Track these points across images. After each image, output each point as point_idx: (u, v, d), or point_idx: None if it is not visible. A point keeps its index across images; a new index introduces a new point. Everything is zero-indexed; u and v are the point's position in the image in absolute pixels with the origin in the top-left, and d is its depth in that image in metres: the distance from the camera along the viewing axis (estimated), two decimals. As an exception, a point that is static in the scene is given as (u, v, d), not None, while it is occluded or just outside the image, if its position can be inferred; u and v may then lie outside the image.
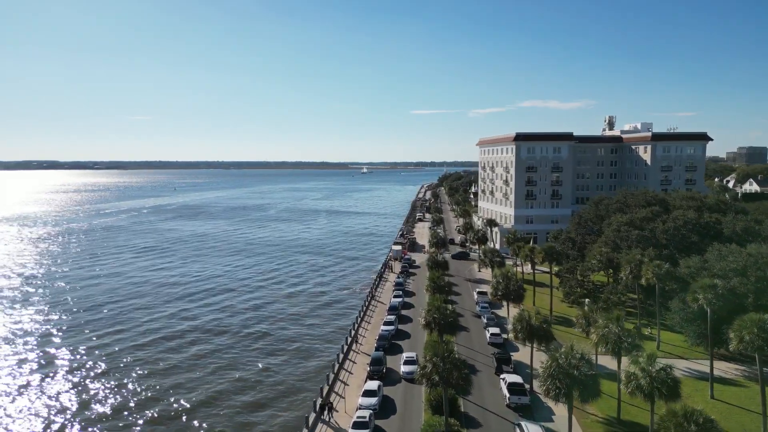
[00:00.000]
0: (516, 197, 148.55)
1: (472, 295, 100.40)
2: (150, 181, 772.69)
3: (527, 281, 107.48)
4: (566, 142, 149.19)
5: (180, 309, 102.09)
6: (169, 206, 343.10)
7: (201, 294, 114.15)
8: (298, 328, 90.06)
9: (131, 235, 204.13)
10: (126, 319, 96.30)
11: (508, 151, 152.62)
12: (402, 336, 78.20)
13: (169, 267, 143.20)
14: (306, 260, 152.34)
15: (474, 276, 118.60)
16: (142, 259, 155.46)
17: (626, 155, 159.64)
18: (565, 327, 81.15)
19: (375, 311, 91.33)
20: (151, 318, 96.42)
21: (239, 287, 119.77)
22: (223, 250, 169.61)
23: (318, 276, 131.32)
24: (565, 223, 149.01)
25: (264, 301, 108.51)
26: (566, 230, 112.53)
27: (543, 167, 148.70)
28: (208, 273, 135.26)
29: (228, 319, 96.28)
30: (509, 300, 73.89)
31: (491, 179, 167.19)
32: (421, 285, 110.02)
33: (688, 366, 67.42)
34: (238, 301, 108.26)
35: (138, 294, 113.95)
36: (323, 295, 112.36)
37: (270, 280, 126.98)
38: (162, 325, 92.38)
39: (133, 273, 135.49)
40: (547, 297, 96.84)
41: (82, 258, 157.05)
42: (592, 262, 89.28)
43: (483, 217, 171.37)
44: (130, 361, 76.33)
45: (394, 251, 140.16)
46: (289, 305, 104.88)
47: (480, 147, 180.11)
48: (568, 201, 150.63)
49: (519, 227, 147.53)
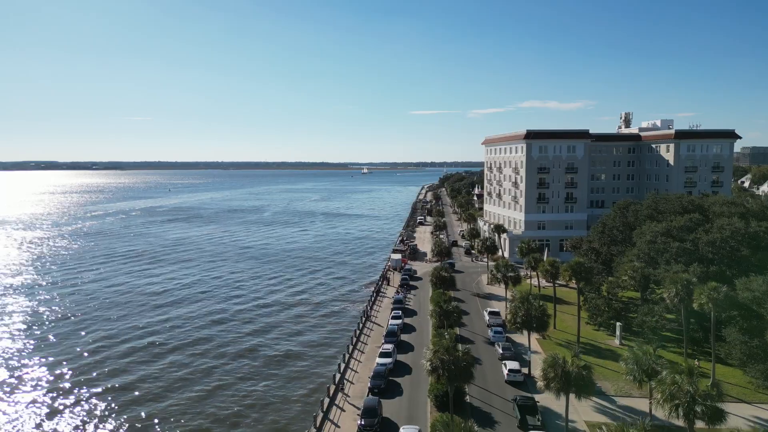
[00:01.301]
0: (526, 201, 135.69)
1: (482, 314, 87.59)
2: (146, 182, 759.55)
3: (543, 296, 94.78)
4: (581, 140, 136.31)
5: (150, 325, 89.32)
6: (161, 208, 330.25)
7: (174, 308, 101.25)
8: (273, 370, 72.47)
9: (114, 241, 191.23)
10: (93, 332, 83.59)
11: (518, 150, 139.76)
12: (401, 370, 65.37)
13: (149, 277, 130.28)
14: (296, 269, 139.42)
15: (482, 290, 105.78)
16: (122, 268, 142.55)
17: (645, 155, 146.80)
18: (595, 358, 68.30)
19: (370, 336, 78.45)
20: (115, 330, 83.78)
21: (211, 302, 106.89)
22: (207, 258, 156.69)
23: (307, 289, 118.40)
24: (581, 229, 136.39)
25: (235, 325, 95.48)
26: (587, 238, 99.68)
27: (556, 168, 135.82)
28: (186, 283, 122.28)
29: (188, 342, 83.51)
30: (531, 329, 61.12)
31: (498, 181, 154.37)
32: (423, 300, 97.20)
33: (754, 413, 54.66)
34: (204, 321, 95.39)
35: (113, 305, 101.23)
36: (311, 315, 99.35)
37: (251, 294, 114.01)
38: (121, 339, 79.65)
39: (112, 284, 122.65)
40: (569, 317, 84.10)
41: (54, 268, 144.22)
42: (623, 278, 76.47)
43: (489, 221, 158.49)
44: (95, 377, 63.60)
45: (392, 260, 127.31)
46: (268, 329, 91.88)
47: (486, 146, 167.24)
48: (583, 205, 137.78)
49: (530, 233, 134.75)
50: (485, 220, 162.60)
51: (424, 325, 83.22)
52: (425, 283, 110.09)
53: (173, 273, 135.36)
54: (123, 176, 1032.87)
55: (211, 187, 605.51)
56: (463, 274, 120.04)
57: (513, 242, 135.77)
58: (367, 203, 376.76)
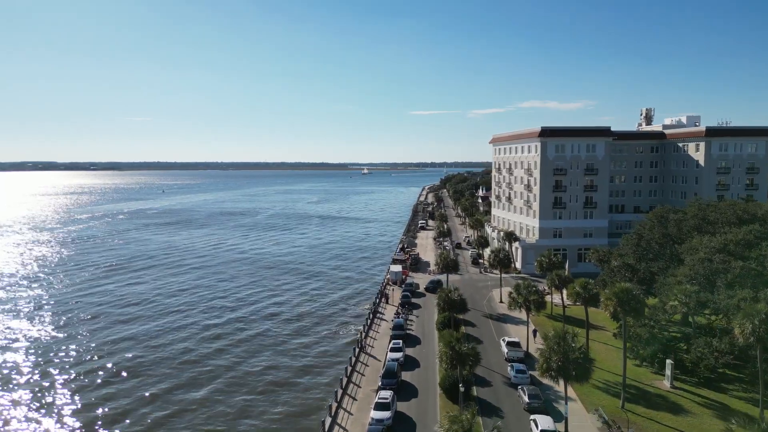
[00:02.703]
0: (541, 205, 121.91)
1: (498, 343, 73.83)
2: (141, 183, 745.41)
3: (568, 319, 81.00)
4: (602, 138, 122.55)
5: (106, 345, 75.41)
6: (150, 211, 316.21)
7: (133, 340, 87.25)
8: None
9: (89, 249, 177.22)
10: (61, 356, 69.73)
11: (532, 149, 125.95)
12: (404, 424, 51.54)
13: (115, 290, 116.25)
14: (285, 282, 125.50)
15: (495, 309, 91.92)
16: (89, 280, 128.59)
17: (670, 155, 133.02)
18: (645, 408, 54.46)
19: (364, 375, 64.55)
20: (71, 355, 69.92)
21: (171, 320, 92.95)
22: (186, 268, 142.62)
23: (294, 306, 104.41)
24: (601, 237, 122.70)
25: (201, 358, 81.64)
26: (617, 251, 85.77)
27: (574, 169, 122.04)
28: (153, 298, 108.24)
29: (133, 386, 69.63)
30: (569, 378, 47.24)
31: (508, 183, 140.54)
32: (427, 323, 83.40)
33: None
34: (161, 344, 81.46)
35: (72, 324, 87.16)
36: (293, 340, 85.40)
37: (225, 316, 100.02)
38: (71, 365, 65.80)
39: (72, 299, 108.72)
40: (601, 347, 70.03)
41: (13, 280, 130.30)
42: (671, 303, 62.64)
43: (498, 227, 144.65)
44: None
45: (392, 273, 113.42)
46: (238, 360, 78.00)
47: (494, 145, 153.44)
48: (603, 210, 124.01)
49: (545, 242, 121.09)
50: (493, 226, 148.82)
51: (430, 357, 69.43)
52: (429, 299, 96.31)
53: (143, 286, 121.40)
54: (120, 177, 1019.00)
55: (205, 189, 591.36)
56: (471, 288, 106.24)
57: (526, 252, 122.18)
58: (365, 205, 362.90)
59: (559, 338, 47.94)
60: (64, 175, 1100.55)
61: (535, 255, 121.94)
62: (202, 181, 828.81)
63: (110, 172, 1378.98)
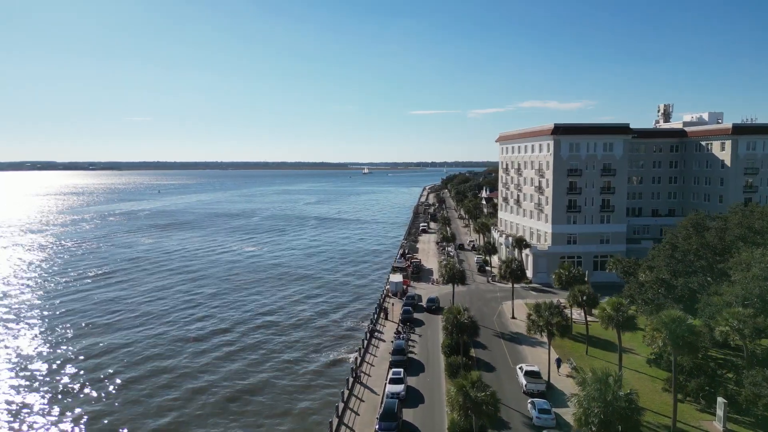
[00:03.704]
0: (554, 209, 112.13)
1: (512, 370, 64.15)
2: (138, 183, 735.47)
3: (592, 341, 71.35)
4: (620, 136, 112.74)
5: (73, 359, 65.93)
6: (142, 212, 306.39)
7: (108, 353, 77.55)
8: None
9: (72, 252, 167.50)
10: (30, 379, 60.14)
11: (543, 148, 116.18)
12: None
13: (96, 298, 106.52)
14: (273, 292, 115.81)
15: (507, 327, 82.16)
16: (67, 287, 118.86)
17: (692, 154, 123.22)
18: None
19: (359, 415, 54.77)
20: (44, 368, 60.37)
21: (146, 335, 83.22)
22: (167, 275, 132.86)
23: (283, 322, 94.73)
24: (619, 243, 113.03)
25: (157, 380, 71.99)
26: (647, 262, 76.01)
27: (590, 169, 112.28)
28: (128, 309, 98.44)
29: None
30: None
31: (517, 184, 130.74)
32: (431, 341, 73.70)
33: None
34: (129, 363, 71.79)
35: (46, 336, 77.56)
36: (278, 367, 75.78)
37: (199, 330, 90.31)
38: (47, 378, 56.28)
39: (47, 309, 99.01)
40: (633, 376, 60.05)
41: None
42: (720, 329, 52.90)
43: (505, 232, 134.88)
44: None
45: (392, 284, 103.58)
46: (210, 390, 68.34)
47: (501, 144, 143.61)
48: (621, 214, 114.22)
49: (558, 249, 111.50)
50: (500, 231, 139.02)
51: (436, 389, 59.76)
52: (433, 317, 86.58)
53: (119, 293, 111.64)
54: (118, 177, 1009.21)
55: (202, 189, 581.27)
56: (479, 301, 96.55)
57: (538, 260, 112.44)
58: (364, 206, 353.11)
59: (600, 383, 38.20)
60: (62, 175, 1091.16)
61: (548, 263, 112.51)
62: (200, 181, 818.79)
63: (109, 172, 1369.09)
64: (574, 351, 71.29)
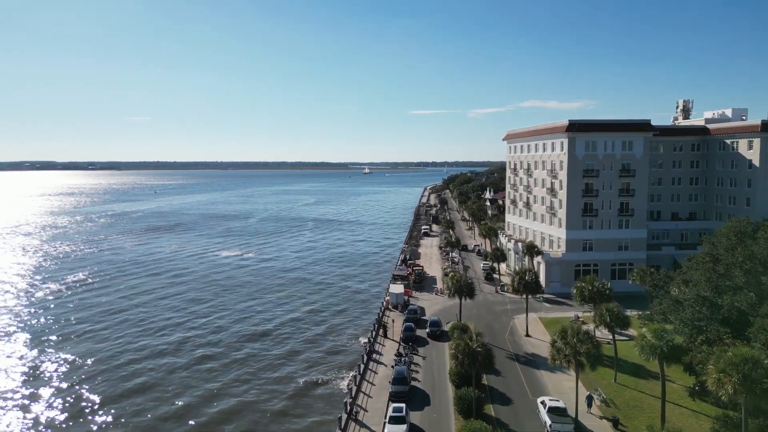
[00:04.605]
0: (568, 213, 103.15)
1: (532, 402, 55.20)
2: (136, 183, 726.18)
3: (609, 361, 62.43)
4: (641, 133, 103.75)
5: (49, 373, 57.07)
6: (135, 213, 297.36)
7: (89, 367, 68.64)
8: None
9: (52, 256, 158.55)
10: None
11: (557, 146, 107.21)
12: None
13: (74, 305, 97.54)
14: (263, 301, 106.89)
15: (522, 348, 73.15)
16: (39, 295, 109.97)
17: (715, 153, 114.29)
18: None
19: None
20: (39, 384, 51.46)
21: (114, 352, 74.27)
22: (152, 283, 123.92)
23: (271, 339, 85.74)
24: (639, 249, 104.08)
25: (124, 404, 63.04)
26: (683, 276, 67.06)
27: (607, 170, 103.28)
28: (102, 318, 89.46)
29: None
30: None
31: (527, 186, 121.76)
32: (437, 364, 64.76)
33: None
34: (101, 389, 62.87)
35: (28, 349, 68.82)
36: (263, 397, 66.82)
37: (173, 352, 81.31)
38: None
39: (28, 322, 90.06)
40: (675, 411, 50.81)
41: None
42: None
43: (514, 237, 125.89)
44: None
45: (392, 295, 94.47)
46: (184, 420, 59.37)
47: (508, 142, 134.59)
48: (641, 218, 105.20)
49: (572, 256, 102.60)
50: (508, 235, 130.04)
51: (444, 427, 50.84)
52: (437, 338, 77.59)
53: (99, 299, 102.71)
54: (116, 177, 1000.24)
55: (199, 189, 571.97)
56: (488, 314, 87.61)
57: (551, 268, 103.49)
58: (363, 207, 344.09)
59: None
60: (61, 174, 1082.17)
61: (561, 271, 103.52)
62: (199, 181, 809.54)
63: (108, 171, 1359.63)
64: (600, 378, 62.31)
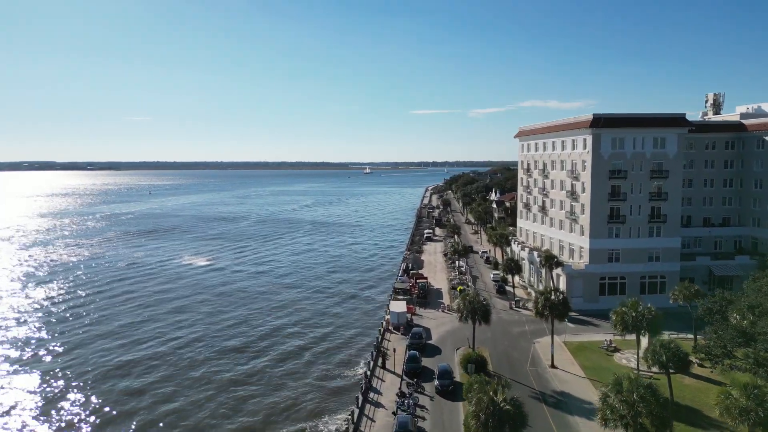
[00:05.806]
0: (592, 219, 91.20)
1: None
2: (132, 184, 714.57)
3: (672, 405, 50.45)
4: (674, 129, 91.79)
5: None
6: (126, 215, 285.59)
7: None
8: None
9: (30, 261, 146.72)
10: None
11: (578, 144, 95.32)
12: None
13: (42, 318, 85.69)
14: (249, 317, 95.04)
15: (547, 384, 61.12)
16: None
17: (752, 152, 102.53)
18: None
19: None
20: None
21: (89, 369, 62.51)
22: (137, 296, 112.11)
23: (258, 363, 73.85)
24: (672, 260, 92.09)
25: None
26: (746, 300, 55.23)
27: (636, 171, 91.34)
28: (69, 338, 77.63)
29: None
30: None
31: (542, 188, 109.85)
32: (446, 409, 52.72)
33: None
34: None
35: None
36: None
37: (131, 387, 69.46)
38: None
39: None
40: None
41: None
42: None
43: (528, 245, 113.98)
44: None
45: (393, 314, 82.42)
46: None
47: (521, 140, 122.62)
48: (675, 225, 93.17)
49: (596, 268, 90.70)
50: (521, 242, 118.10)
51: None
52: (448, 353, 65.64)
53: (73, 310, 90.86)
54: (114, 177, 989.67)
55: (196, 190, 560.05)
56: (504, 339, 75.66)
57: (573, 281, 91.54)
58: (363, 208, 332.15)
59: None
60: (59, 175, 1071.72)
61: (584, 285, 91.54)
62: (196, 181, 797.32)
63: (107, 172, 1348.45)
64: (649, 426, 50.38)
